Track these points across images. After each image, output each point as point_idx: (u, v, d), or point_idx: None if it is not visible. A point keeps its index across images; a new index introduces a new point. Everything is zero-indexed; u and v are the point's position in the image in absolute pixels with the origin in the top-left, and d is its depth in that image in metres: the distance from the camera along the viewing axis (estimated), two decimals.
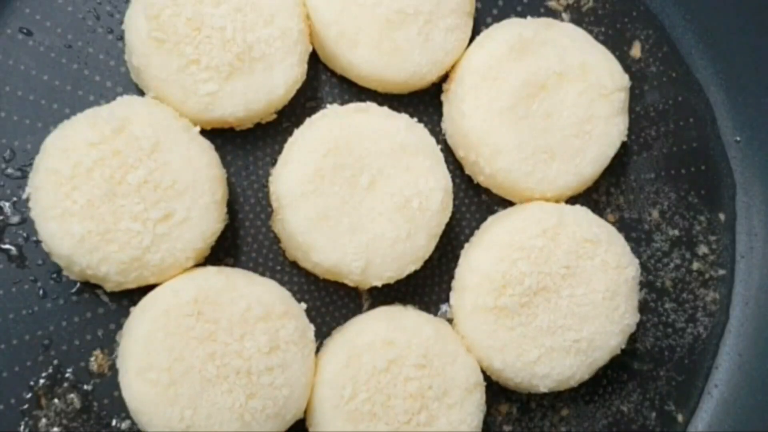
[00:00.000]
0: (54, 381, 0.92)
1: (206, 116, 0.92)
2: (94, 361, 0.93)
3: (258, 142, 0.99)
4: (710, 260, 1.09)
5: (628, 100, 1.01)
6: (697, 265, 1.08)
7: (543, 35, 0.98)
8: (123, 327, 0.89)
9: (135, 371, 0.83)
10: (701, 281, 1.08)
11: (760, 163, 1.10)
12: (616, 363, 1.00)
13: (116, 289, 0.89)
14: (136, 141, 0.86)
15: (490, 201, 1.04)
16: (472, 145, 0.96)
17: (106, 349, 0.94)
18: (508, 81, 0.96)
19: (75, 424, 0.92)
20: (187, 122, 0.91)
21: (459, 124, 0.97)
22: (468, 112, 0.96)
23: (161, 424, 0.82)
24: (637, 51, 1.10)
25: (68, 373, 0.93)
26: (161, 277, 0.88)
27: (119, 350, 0.87)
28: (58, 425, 0.91)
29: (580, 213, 0.96)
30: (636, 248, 1.06)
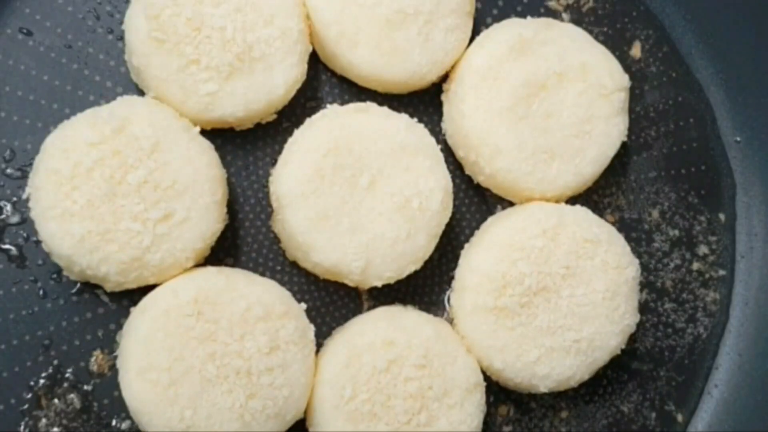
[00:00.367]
0: (54, 381, 0.92)
1: (206, 116, 0.91)
2: (94, 361, 0.93)
3: (258, 142, 0.99)
4: (710, 260, 1.09)
5: (628, 100, 1.01)
6: (697, 266, 1.08)
7: (543, 35, 0.98)
8: (123, 327, 0.89)
9: (135, 371, 0.83)
10: (701, 281, 1.08)
11: (760, 163, 1.10)
12: (616, 363, 1.00)
13: (116, 289, 0.89)
14: (136, 141, 0.86)
15: (490, 201, 1.04)
16: (472, 145, 0.96)
17: (106, 349, 0.94)
18: (508, 81, 0.96)
19: (75, 424, 0.92)
20: (187, 122, 0.91)
21: (459, 124, 0.97)
22: (468, 112, 0.96)
23: (161, 424, 0.82)
24: (637, 51, 1.10)
25: (68, 373, 0.93)
26: (161, 277, 0.88)
27: (119, 350, 0.87)
28: (58, 425, 0.91)
29: (580, 213, 0.96)
30: (636, 248, 1.06)
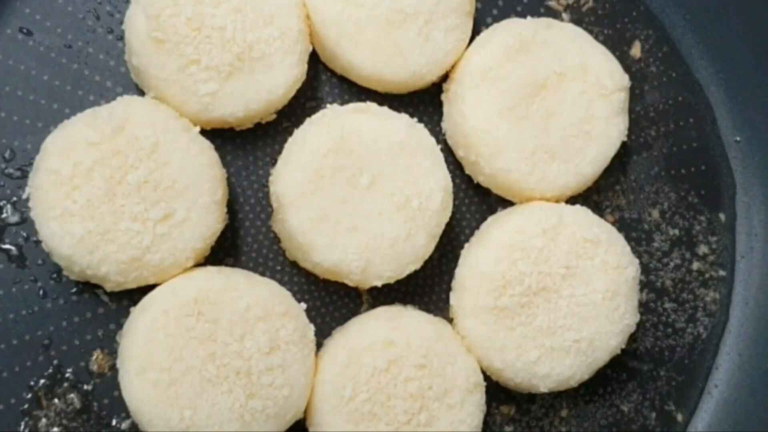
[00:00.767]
0: (54, 381, 0.92)
1: (206, 116, 0.91)
2: (94, 361, 0.93)
3: (258, 142, 0.99)
4: (710, 260, 1.09)
5: (628, 100, 1.01)
6: (697, 265, 1.08)
7: (543, 35, 0.98)
8: (123, 327, 0.89)
9: (135, 371, 0.83)
10: (701, 281, 1.08)
11: (760, 163, 1.10)
12: (616, 363, 1.00)
13: (116, 289, 0.88)
14: (136, 141, 0.86)
15: (490, 201, 1.04)
16: (472, 145, 0.96)
17: (106, 349, 0.94)
18: (508, 81, 0.96)
19: (75, 424, 0.92)
20: (187, 122, 0.91)
21: (459, 124, 0.97)
22: (468, 112, 0.96)
23: (161, 424, 0.82)
24: (637, 51, 1.10)
25: (68, 373, 0.93)
26: (161, 277, 0.88)
27: (119, 350, 0.87)
28: (58, 425, 0.91)
29: (580, 213, 0.96)
30: (636, 248, 1.06)
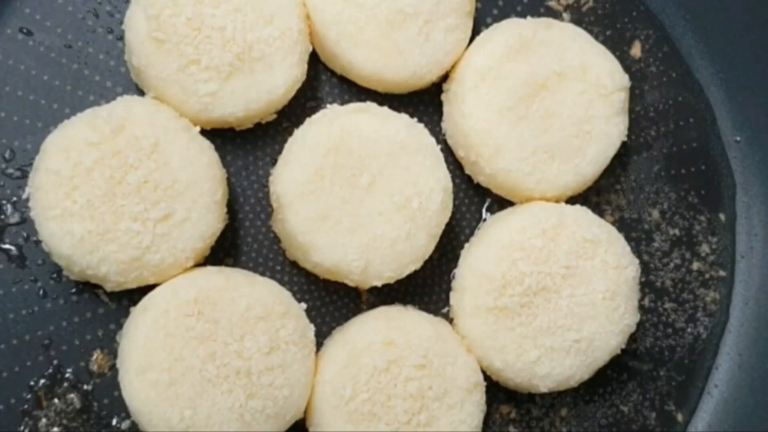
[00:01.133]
0: (54, 381, 0.92)
1: (206, 116, 0.91)
2: (94, 361, 0.93)
3: (258, 142, 0.99)
4: (710, 260, 1.09)
5: (628, 100, 1.01)
6: (697, 265, 1.08)
7: (543, 35, 0.98)
8: (123, 327, 0.89)
9: (135, 371, 0.83)
10: (701, 281, 1.08)
11: (760, 163, 1.10)
12: (616, 363, 1.00)
13: (116, 289, 0.88)
14: (136, 141, 0.86)
15: (490, 201, 1.04)
16: (472, 145, 0.96)
17: (106, 349, 0.94)
18: (508, 81, 0.96)
19: (75, 424, 0.92)
20: (187, 122, 0.91)
21: (459, 124, 0.97)
22: (468, 112, 0.96)
23: (161, 424, 0.82)
24: (637, 51, 1.10)
25: (68, 373, 0.93)
26: (161, 277, 0.88)
27: (119, 350, 0.87)
28: (58, 425, 0.91)
29: (580, 213, 0.96)
30: (636, 248, 1.05)
